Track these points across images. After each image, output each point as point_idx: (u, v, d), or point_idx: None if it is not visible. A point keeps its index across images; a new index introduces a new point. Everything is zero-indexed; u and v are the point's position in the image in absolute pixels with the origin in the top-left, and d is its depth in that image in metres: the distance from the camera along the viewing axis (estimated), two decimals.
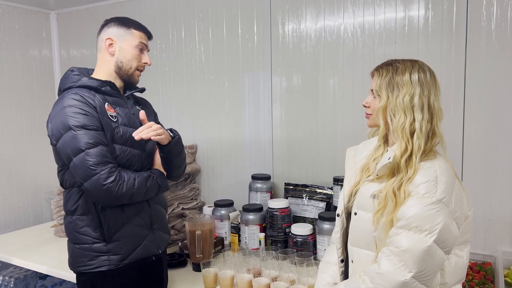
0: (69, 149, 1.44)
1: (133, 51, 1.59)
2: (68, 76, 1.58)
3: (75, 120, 1.44)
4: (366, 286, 1.15)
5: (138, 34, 1.61)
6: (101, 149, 1.45)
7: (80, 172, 1.44)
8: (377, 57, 2.06)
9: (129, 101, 1.66)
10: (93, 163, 1.42)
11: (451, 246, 1.17)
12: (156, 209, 1.67)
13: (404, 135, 1.21)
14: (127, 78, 1.62)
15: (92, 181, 1.43)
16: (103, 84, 1.56)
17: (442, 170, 1.18)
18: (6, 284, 2.52)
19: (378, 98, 1.28)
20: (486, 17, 1.86)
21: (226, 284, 1.78)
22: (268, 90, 2.42)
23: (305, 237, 2.01)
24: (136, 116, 1.63)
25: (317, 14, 2.24)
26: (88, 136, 1.44)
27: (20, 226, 2.94)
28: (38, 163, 3.10)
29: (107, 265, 1.54)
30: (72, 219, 1.57)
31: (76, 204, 1.55)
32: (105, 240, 1.54)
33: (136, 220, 1.59)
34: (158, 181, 1.60)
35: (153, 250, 1.65)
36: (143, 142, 1.60)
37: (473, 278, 1.75)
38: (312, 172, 2.33)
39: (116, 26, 1.60)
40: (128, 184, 1.48)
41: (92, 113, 1.48)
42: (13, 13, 2.95)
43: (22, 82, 3.02)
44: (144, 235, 1.62)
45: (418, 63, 1.27)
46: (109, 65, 1.60)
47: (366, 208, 1.27)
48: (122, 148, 1.54)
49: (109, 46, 1.59)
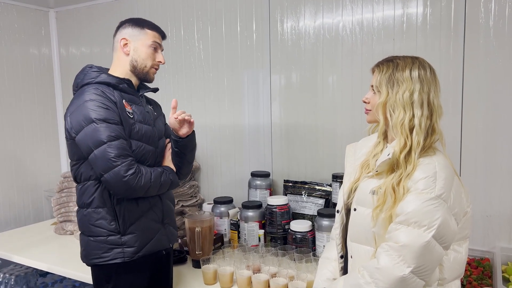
0: (90, 142, 1.47)
1: (147, 50, 1.63)
2: (86, 72, 1.61)
3: (97, 113, 1.48)
4: (365, 281, 1.16)
5: (152, 34, 1.64)
6: (122, 142, 1.49)
7: (101, 163, 1.47)
8: (376, 54, 2.06)
9: (142, 100, 1.71)
10: (115, 155, 1.45)
11: (449, 241, 1.18)
12: (167, 205, 1.72)
13: (404, 131, 1.22)
14: (142, 76, 1.67)
15: (113, 173, 1.46)
16: (121, 81, 1.61)
17: (441, 166, 1.19)
18: (6, 281, 2.52)
19: (378, 94, 1.28)
20: (484, 14, 1.86)
21: (225, 281, 1.79)
22: (267, 87, 2.42)
23: (304, 233, 2.02)
24: (150, 114, 1.69)
25: (315, 11, 2.24)
26: (110, 129, 1.47)
27: (20, 224, 2.95)
28: (38, 161, 3.11)
29: (121, 257, 1.57)
30: (88, 212, 1.59)
31: (92, 197, 1.58)
32: (120, 233, 1.57)
33: (150, 214, 1.63)
34: (171, 177, 1.65)
35: (164, 244, 1.70)
36: (156, 139, 1.67)
37: (471, 273, 1.76)
38: (311, 169, 2.34)
39: (131, 26, 1.64)
40: (145, 178, 1.52)
41: (113, 108, 1.52)
42: (12, 11, 2.95)
43: (22, 80, 3.02)
44: (156, 229, 1.65)
45: (418, 59, 1.28)
46: (124, 64, 1.64)
47: (365, 204, 1.28)
48: (138, 143, 1.59)
49: (124, 46, 1.63)
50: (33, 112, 3.08)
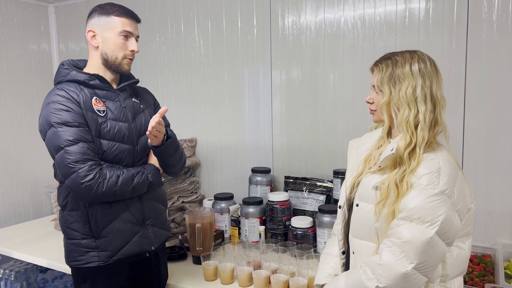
0: (51, 146, 1.45)
1: (116, 40, 1.51)
2: (58, 71, 1.57)
3: (57, 116, 1.44)
4: (367, 277, 1.15)
5: (120, 21, 1.51)
6: (82, 146, 1.42)
7: (61, 169, 1.43)
8: (378, 50, 2.05)
9: (122, 94, 1.61)
10: (72, 161, 1.40)
11: (452, 238, 1.17)
12: (149, 205, 1.62)
13: (409, 129, 1.20)
14: (115, 68, 1.56)
15: (71, 179, 1.41)
16: (91, 77, 1.52)
17: (445, 161, 1.18)
18: (6, 277, 2.52)
19: (380, 94, 1.27)
20: (487, 9, 1.84)
21: (226, 277, 1.79)
22: (268, 83, 2.41)
23: (305, 230, 2.01)
24: (128, 109, 1.59)
25: (317, 6, 2.23)
26: (69, 133, 1.42)
27: (20, 220, 2.95)
28: (38, 157, 3.09)
29: (96, 261, 1.53)
30: (63, 214, 1.58)
31: (66, 200, 1.55)
32: (93, 236, 1.53)
33: (126, 216, 1.55)
34: (149, 177, 1.56)
35: (145, 247, 1.61)
36: (134, 137, 1.58)
37: (473, 270, 1.75)
38: (312, 165, 2.33)
39: (97, 15, 1.53)
40: (109, 182, 1.44)
41: (75, 109, 1.45)
42: (11, 6, 2.93)
43: (21, 76, 3.01)
44: (134, 231, 1.57)
45: (417, 53, 1.26)
46: (96, 58, 1.55)
47: (368, 200, 1.27)
48: (109, 143, 1.51)
49: (92, 38, 1.54)
50: (33, 108, 3.06)
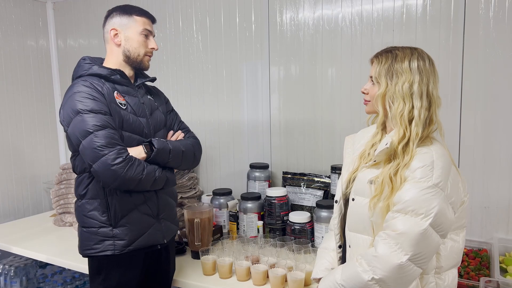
0: (77, 132, 1.47)
1: (138, 38, 1.61)
2: (80, 65, 1.61)
3: (83, 104, 1.47)
4: (363, 269, 1.17)
5: (141, 20, 1.62)
6: (109, 131, 1.46)
7: (89, 153, 1.45)
8: (375, 46, 2.05)
9: (140, 90, 1.68)
10: (101, 145, 1.43)
11: (446, 230, 1.18)
12: (164, 199, 1.69)
13: (403, 122, 1.22)
14: (137, 65, 1.64)
15: (100, 162, 1.43)
16: (113, 72, 1.59)
17: (438, 155, 1.19)
18: (6, 272, 2.53)
19: (377, 85, 1.28)
20: (484, 5, 1.85)
21: (224, 271, 1.80)
22: (266, 79, 2.42)
23: (303, 225, 2.03)
24: (146, 106, 1.66)
25: (315, 2, 2.23)
26: (96, 119, 1.46)
27: (20, 216, 2.96)
28: (37, 153, 3.11)
29: (111, 250, 1.56)
30: (82, 203, 1.60)
31: (86, 189, 1.58)
32: (111, 225, 1.56)
33: (143, 208, 1.61)
34: (167, 174, 1.62)
35: (158, 239, 1.67)
36: (150, 132, 1.65)
37: (469, 264, 1.77)
38: (310, 161, 2.34)
39: (119, 15, 1.61)
40: (137, 168, 1.48)
41: (100, 99, 1.50)
42: (9, 2, 2.93)
43: (20, 72, 3.01)
44: (150, 223, 1.63)
45: (417, 50, 1.27)
46: (117, 55, 1.62)
47: (363, 194, 1.28)
48: (130, 136, 1.57)
49: (115, 37, 1.61)
50: (31, 104, 3.07)
